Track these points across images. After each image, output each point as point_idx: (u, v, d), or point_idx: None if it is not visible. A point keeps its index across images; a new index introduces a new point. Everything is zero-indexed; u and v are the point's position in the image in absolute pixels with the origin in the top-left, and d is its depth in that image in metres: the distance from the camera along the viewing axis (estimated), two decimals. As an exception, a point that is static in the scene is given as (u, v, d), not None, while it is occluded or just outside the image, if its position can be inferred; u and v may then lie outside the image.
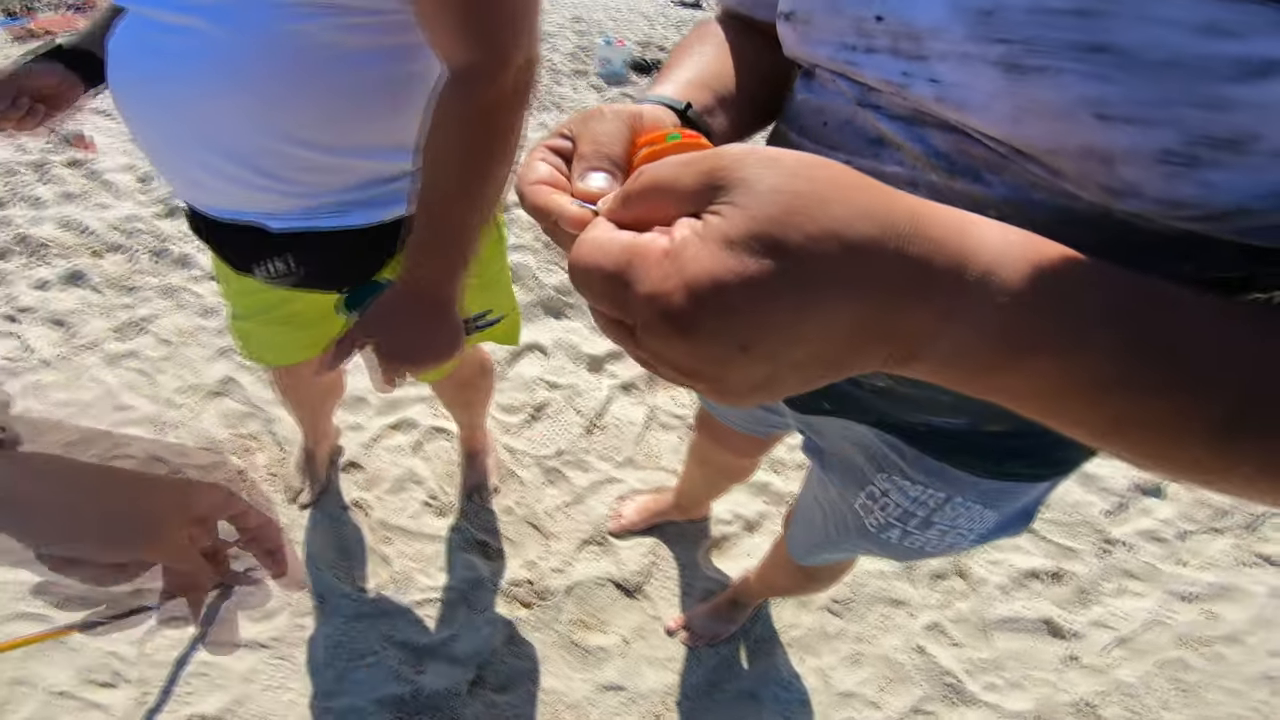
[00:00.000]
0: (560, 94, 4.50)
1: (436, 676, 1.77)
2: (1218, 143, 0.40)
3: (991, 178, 0.52)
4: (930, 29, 0.50)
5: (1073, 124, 0.44)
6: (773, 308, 0.29)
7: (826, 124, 0.64)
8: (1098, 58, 0.42)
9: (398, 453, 2.27)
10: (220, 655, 1.51)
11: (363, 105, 1.00)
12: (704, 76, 0.69)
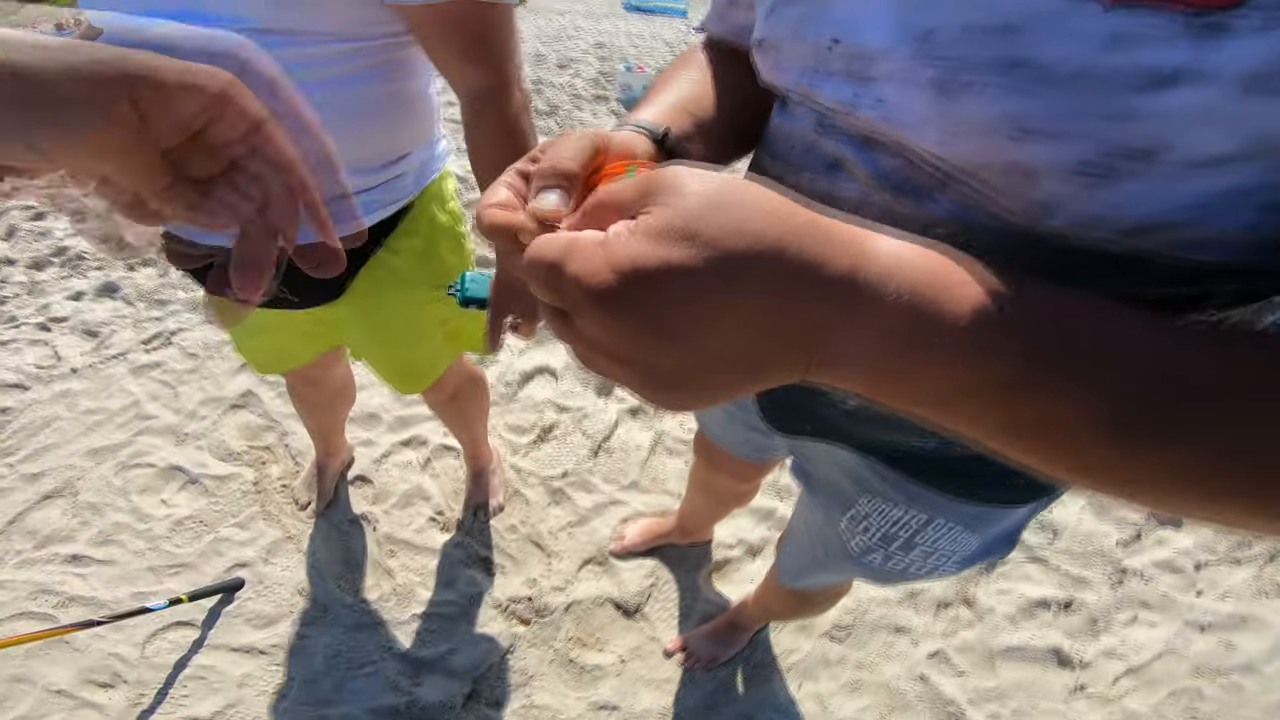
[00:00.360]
0: (580, 119, 4.55)
1: (433, 689, 1.74)
2: (1132, 153, 0.41)
3: (935, 198, 0.54)
4: (879, 50, 0.52)
5: (996, 140, 0.46)
6: (688, 288, 0.32)
7: (794, 148, 0.67)
8: (1017, 73, 0.43)
9: (407, 469, 2.27)
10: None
11: (341, 125, 1.01)
12: (684, 102, 0.71)
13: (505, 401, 2.54)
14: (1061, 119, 0.42)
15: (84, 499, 2.12)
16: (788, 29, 0.62)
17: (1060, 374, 0.35)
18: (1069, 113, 0.42)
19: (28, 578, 1.91)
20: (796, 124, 0.66)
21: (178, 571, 1.95)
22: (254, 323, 1.41)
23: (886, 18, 0.51)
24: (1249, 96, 0.37)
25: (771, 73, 0.66)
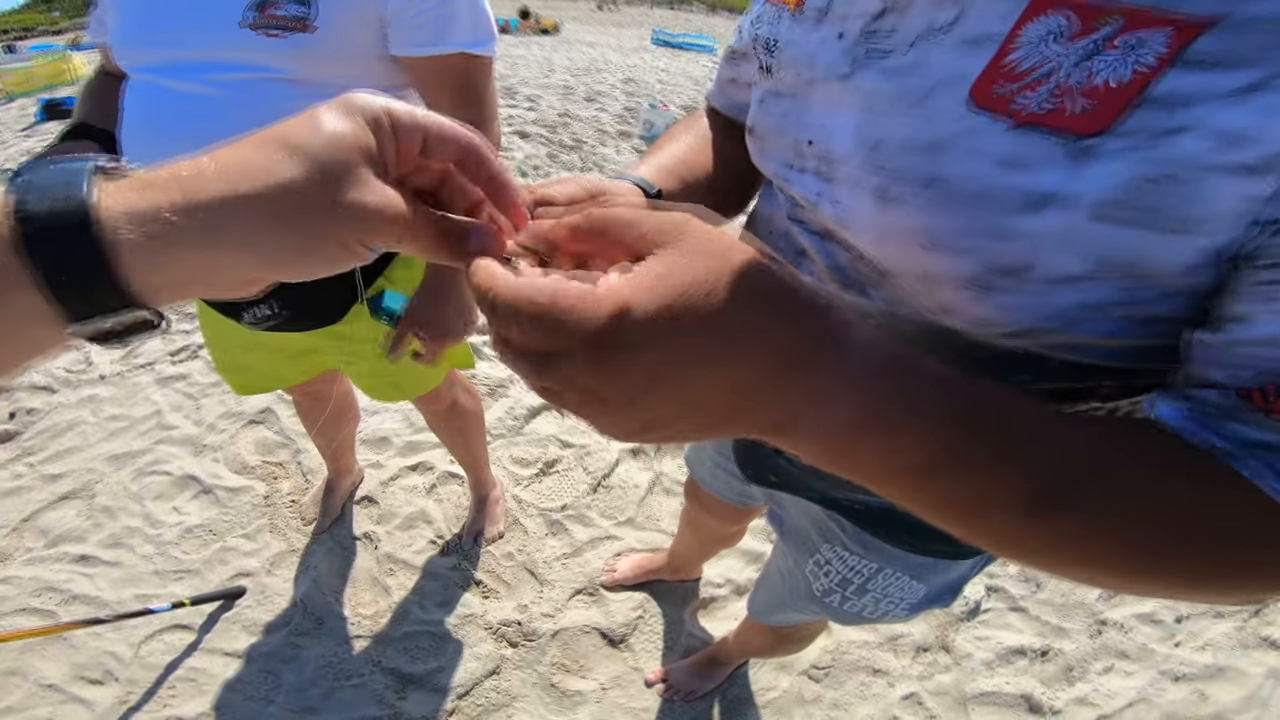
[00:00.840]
0: (603, 154, 4.59)
1: (417, 704, 1.72)
2: (1005, 270, 0.47)
3: (873, 293, 0.61)
4: (841, 155, 0.58)
5: (912, 249, 0.51)
6: (691, 349, 0.34)
7: (772, 232, 0.73)
8: (932, 190, 0.49)
9: (412, 493, 2.28)
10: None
11: None
12: (677, 165, 0.77)
13: (511, 435, 2.55)
14: (958, 235, 0.48)
15: (99, 502, 2.13)
16: (773, 122, 0.68)
17: (972, 458, 0.39)
18: (964, 230, 0.48)
19: (34, 575, 1.91)
20: (776, 209, 0.72)
21: (182, 577, 1.94)
22: (240, 349, 1.47)
23: (850, 126, 0.57)
24: (1097, 223, 0.42)
25: (759, 159, 0.73)
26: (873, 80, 0.55)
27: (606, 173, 4.40)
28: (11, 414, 2.44)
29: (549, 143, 4.74)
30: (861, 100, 0.56)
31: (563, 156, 4.58)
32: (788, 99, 0.66)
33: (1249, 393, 0.40)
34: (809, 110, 0.62)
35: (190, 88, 1.03)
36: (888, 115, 0.53)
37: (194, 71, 1.02)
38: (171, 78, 1.04)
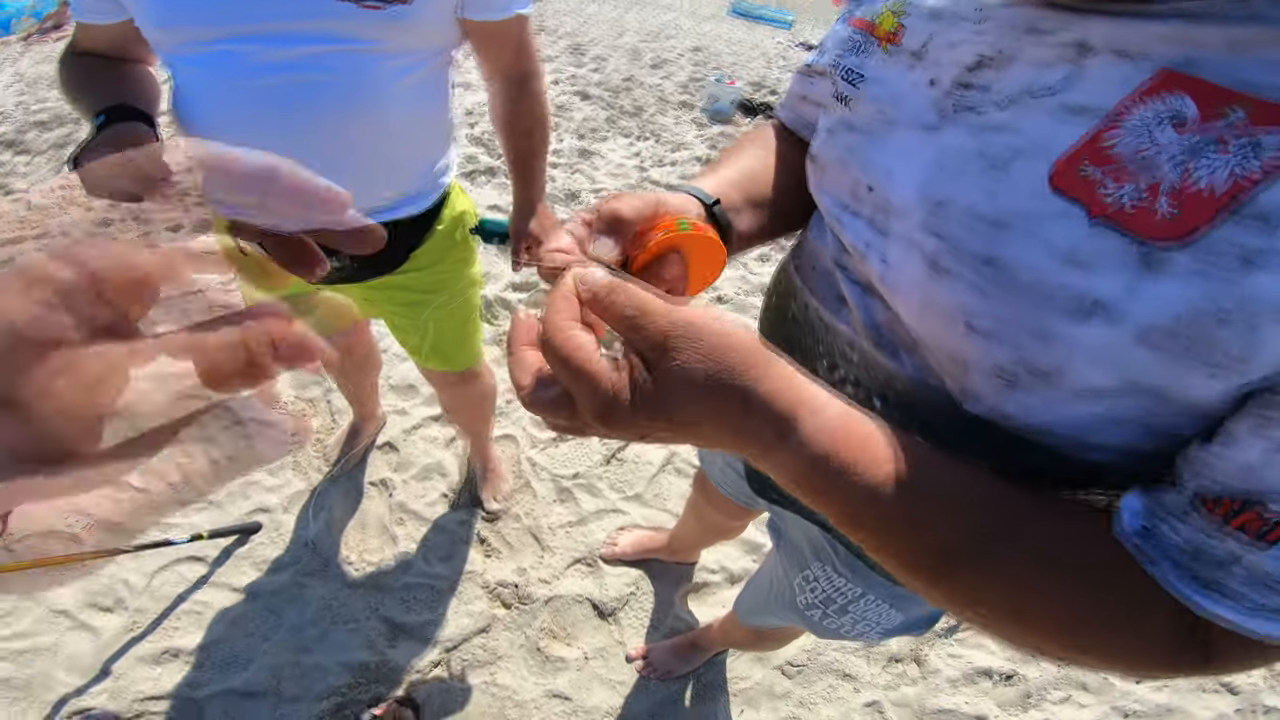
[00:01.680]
0: (661, 123, 4.37)
1: (405, 653, 1.72)
2: (1035, 370, 0.45)
3: (905, 357, 0.57)
4: (899, 208, 0.53)
5: (950, 328, 0.49)
6: (697, 405, 0.38)
7: (815, 269, 0.68)
8: (987, 271, 0.46)
9: (432, 443, 2.24)
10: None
11: (424, 122, 1.22)
12: (741, 178, 0.72)
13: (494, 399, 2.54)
14: (999, 324, 0.46)
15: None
16: (837, 155, 0.63)
17: (893, 524, 0.43)
18: (1007, 320, 0.45)
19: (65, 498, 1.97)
20: (824, 246, 0.67)
21: (204, 508, 1.93)
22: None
23: (916, 179, 0.53)
24: (1142, 347, 0.40)
25: (815, 189, 0.68)
26: (960, 137, 0.51)
27: (663, 142, 4.22)
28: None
29: (610, 106, 4.60)
30: (936, 154, 0.52)
31: (621, 122, 4.43)
32: (859, 135, 0.61)
33: (1206, 500, 0.40)
34: (878, 152, 0.58)
35: (280, 57, 0.99)
36: (959, 176, 0.50)
37: (278, 43, 0.98)
38: (258, 51, 0.98)
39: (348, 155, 1.10)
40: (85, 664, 1.60)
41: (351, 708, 1.60)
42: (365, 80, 1.05)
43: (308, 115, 1.04)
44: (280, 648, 1.69)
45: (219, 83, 1.01)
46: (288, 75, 1.00)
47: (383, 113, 1.09)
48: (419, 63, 1.11)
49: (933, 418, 0.55)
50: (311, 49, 0.99)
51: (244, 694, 1.60)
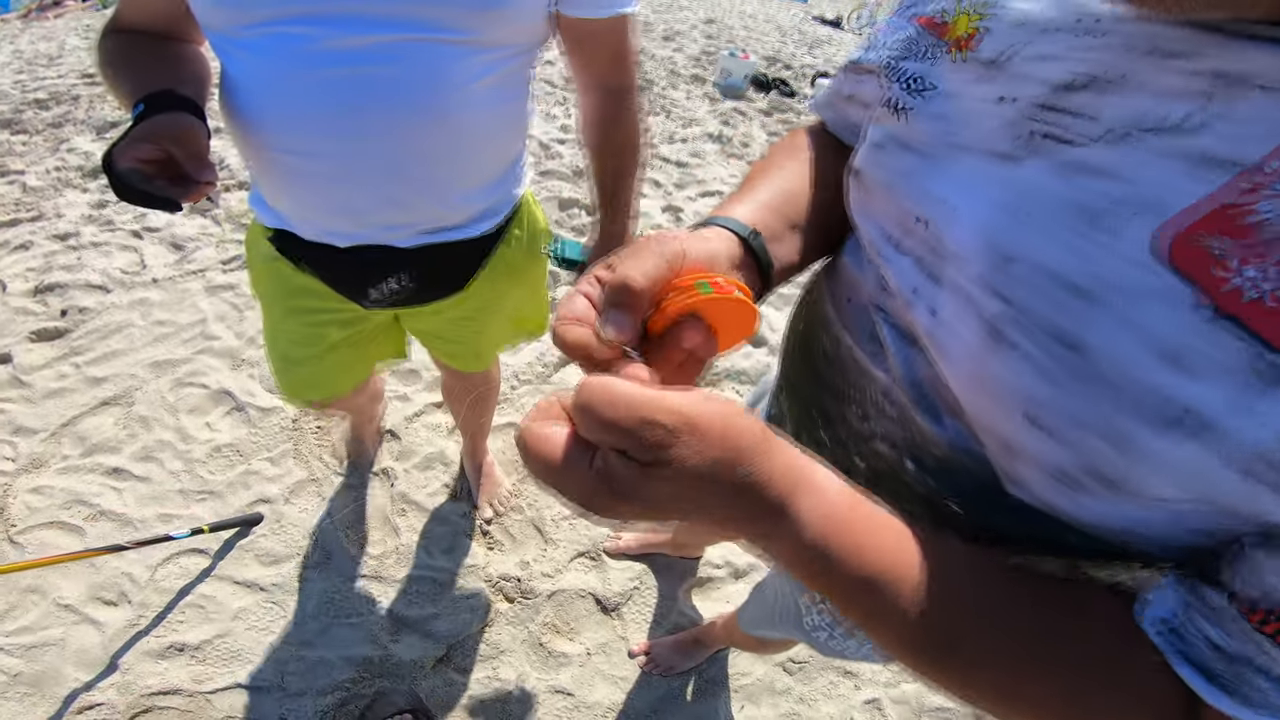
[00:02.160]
0: (672, 98, 4.29)
1: (408, 647, 1.72)
2: (1101, 478, 0.39)
3: (948, 422, 0.50)
4: (955, 254, 0.46)
5: (1005, 415, 0.42)
6: (695, 498, 0.37)
7: (850, 301, 0.61)
8: (1060, 353, 0.39)
9: (434, 431, 2.23)
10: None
11: (503, 130, 1.09)
12: (779, 199, 0.64)
13: (539, 381, 2.46)
14: (1069, 422, 0.39)
15: (137, 411, 2.11)
16: (885, 177, 0.55)
17: (879, 613, 0.42)
18: (1079, 419, 0.38)
19: (67, 485, 1.91)
20: (862, 277, 0.59)
21: (205, 498, 1.93)
22: (293, 355, 1.36)
23: (979, 219, 0.45)
24: (1235, 473, 0.34)
25: (858, 212, 0.59)
26: (1042, 174, 0.42)
27: (674, 118, 4.15)
28: (63, 311, 2.41)
29: (620, 81, 4.57)
30: (1009, 192, 0.44)
31: (631, 95, 4.40)
32: (914, 156, 0.52)
33: (1247, 604, 0.36)
34: (937, 180, 0.49)
35: (351, 44, 0.87)
36: (1037, 227, 0.41)
37: (350, 28, 0.86)
38: (324, 36, 0.86)
39: (419, 164, 1.00)
40: (93, 658, 1.61)
41: (355, 702, 1.62)
42: (446, 77, 0.93)
43: (378, 116, 0.92)
44: (283, 641, 1.70)
45: (276, 72, 0.89)
46: (357, 67, 0.88)
47: (462, 117, 0.98)
48: (503, 60, 0.98)
49: (970, 487, 0.50)
50: (389, 37, 0.87)
51: (249, 689, 1.62)
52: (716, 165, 3.84)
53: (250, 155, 1.03)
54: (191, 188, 0.85)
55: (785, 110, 4.57)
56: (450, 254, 1.17)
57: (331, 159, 0.96)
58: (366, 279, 1.17)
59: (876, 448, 0.59)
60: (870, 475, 0.60)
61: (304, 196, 1.04)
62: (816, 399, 0.68)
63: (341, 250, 1.11)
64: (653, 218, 3.28)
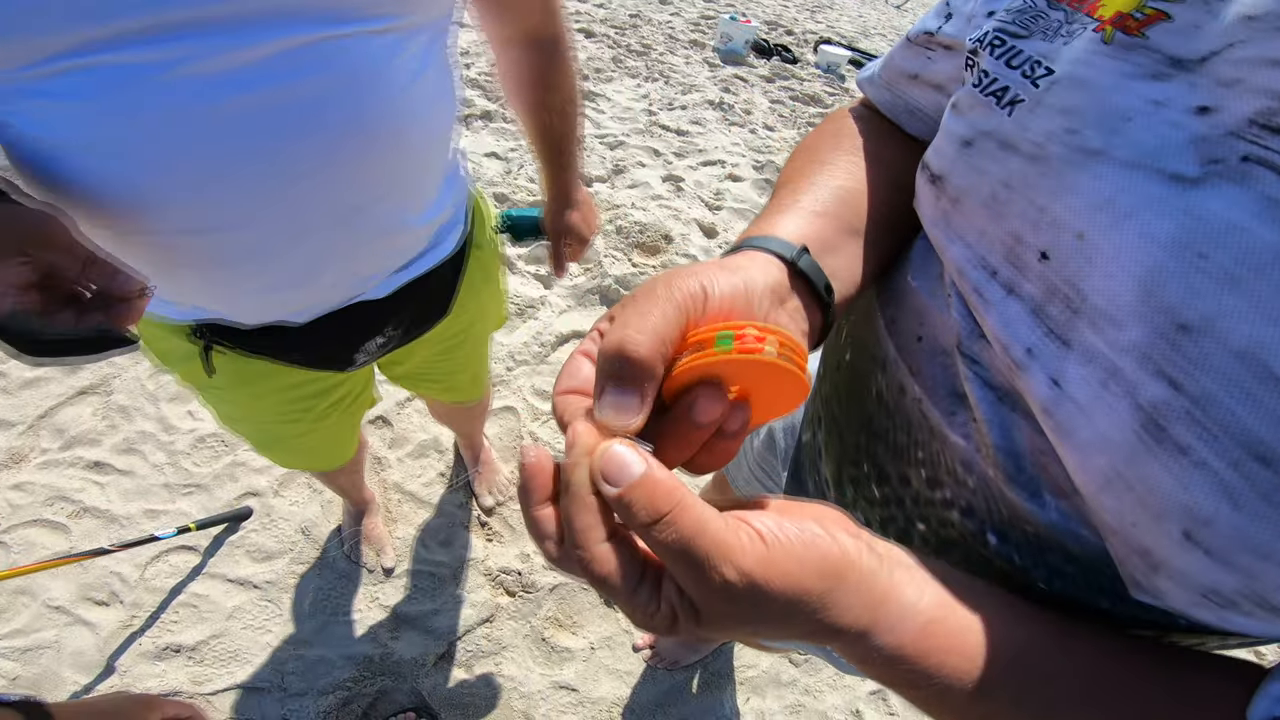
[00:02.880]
0: (671, 63, 4.19)
1: (409, 645, 1.71)
2: (1265, 605, 0.31)
3: (1051, 501, 0.41)
4: (1100, 310, 0.35)
5: (1156, 526, 0.33)
6: (771, 625, 0.33)
7: (921, 339, 0.49)
8: (1253, 469, 0.30)
9: (427, 418, 2.18)
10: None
11: (443, 119, 0.89)
12: (832, 203, 0.52)
13: (536, 362, 2.41)
14: (1243, 550, 0.31)
15: (116, 400, 2.06)
16: (986, 188, 0.43)
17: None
18: (1259, 550, 0.30)
19: (48, 481, 1.86)
20: (938, 310, 0.48)
21: (191, 492, 1.90)
22: (281, 433, 1.19)
23: (1140, 265, 0.34)
24: None
25: (936, 228, 0.47)
26: (1237, 209, 0.31)
27: (672, 84, 4.04)
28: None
29: (615, 45, 4.38)
30: (1188, 230, 0.33)
31: (628, 61, 4.22)
32: (1022, 160, 0.41)
33: None
34: (1061, 196, 0.38)
35: (234, 63, 0.61)
36: (1232, 284, 0.31)
37: (224, 41, 0.59)
38: (189, 59, 0.59)
39: (373, 195, 0.80)
40: (89, 660, 1.60)
41: (358, 702, 1.62)
42: (387, 81, 0.72)
43: (307, 150, 0.69)
44: (280, 640, 1.69)
45: (120, 126, 0.60)
46: (257, 91, 0.63)
47: (413, 126, 0.79)
48: (433, 44, 0.79)
49: (1071, 572, 0.42)
50: (285, 42, 0.62)
51: (250, 689, 1.61)
52: (718, 133, 3.75)
53: (111, 245, 0.67)
54: (119, 306, 0.59)
55: (787, 77, 4.48)
56: (430, 282, 1.04)
57: (253, 225, 0.72)
58: (345, 346, 1.01)
59: (946, 515, 0.49)
60: (936, 544, 0.51)
61: (226, 283, 0.80)
62: (867, 448, 0.56)
63: (303, 327, 0.93)
64: (652, 188, 3.20)
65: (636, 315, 0.34)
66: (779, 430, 0.92)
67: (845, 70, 4.57)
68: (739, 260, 0.42)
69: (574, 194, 1.20)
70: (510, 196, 2.95)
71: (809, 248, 0.45)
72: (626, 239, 2.88)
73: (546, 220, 1.23)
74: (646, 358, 0.33)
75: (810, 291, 0.45)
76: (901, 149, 0.58)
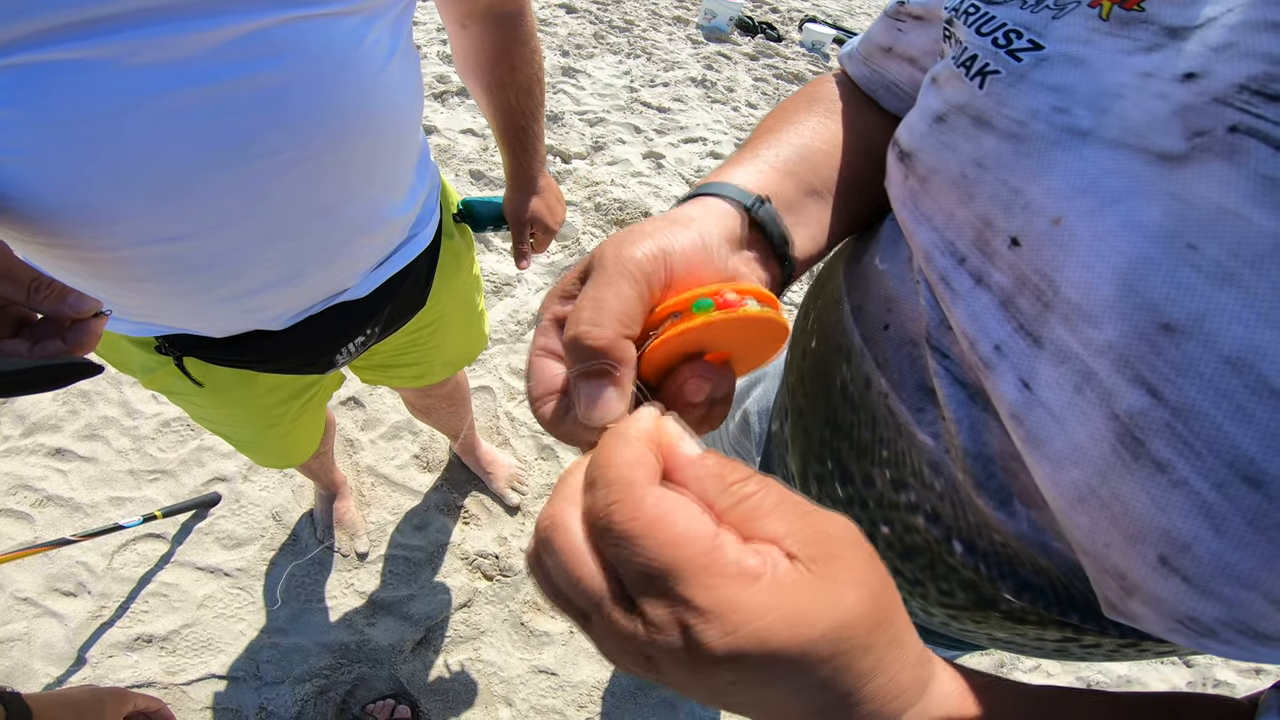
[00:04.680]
0: (653, 39, 4.17)
1: (385, 631, 1.71)
2: (1252, 634, 0.30)
3: (1021, 510, 0.39)
4: (1074, 304, 0.33)
5: (1129, 549, 0.31)
6: (776, 696, 0.27)
7: (888, 328, 0.47)
8: (1239, 491, 0.28)
9: (399, 398, 2.13)
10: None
11: (418, 108, 0.88)
12: (794, 159, 0.50)
13: (512, 340, 2.39)
14: (1224, 579, 0.29)
15: (77, 385, 1.96)
16: (955, 168, 0.41)
17: None
18: (1240, 578, 0.29)
19: (9, 469, 1.84)
20: (906, 296, 0.46)
21: (157, 478, 1.89)
22: (256, 439, 1.19)
23: (1121, 255, 0.31)
24: None
25: (904, 208, 0.45)
26: (1229, 190, 0.29)
27: (654, 60, 4.01)
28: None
29: (597, 21, 4.35)
30: (1175, 217, 0.30)
31: (609, 37, 4.19)
32: (998, 138, 0.39)
33: None
34: (1038, 178, 0.36)
35: (182, 53, 0.56)
36: (1222, 279, 0.28)
37: (165, 29, 0.54)
38: (132, 52, 0.54)
39: (350, 188, 0.77)
40: (60, 652, 1.60)
41: (336, 689, 1.63)
42: (349, 60, 0.67)
43: (277, 144, 0.65)
44: (254, 629, 1.70)
45: (57, 135, 0.55)
46: (215, 83, 0.58)
47: (379, 106, 0.74)
48: (400, 22, 0.75)
49: (1040, 585, 0.40)
50: (236, 29, 0.57)
51: (225, 679, 1.62)
52: (700, 110, 3.74)
53: (55, 264, 0.68)
54: (76, 331, 0.54)
55: (772, 55, 4.46)
56: (408, 276, 1.02)
57: (218, 231, 0.68)
58: (326, 349, 0.98)
59: (911, 520, 0.47)
60: (901, 549, 0.49)
61: (194, 294, 0.76)
62: (831, 445, 0.53)
63: (281, 333, 0.90)
64: (632, 164, 3.18)
65: (590, 301, 0.32)
66: (754, 414, 0.91)
67: (830, 49, 4.56)
68: (690, 210, 0.40)
69: (538, 180, 1.15)
70: (487, 174, 2.93)
71: (770, 199, 0.44)
72: (605, 216, 2.87)
73: (508, 208, 1.17)
74: (613, 343, 0.31)
75: (767, 243, 0.43)
76: (880, 121, 0.57)
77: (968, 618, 0.48)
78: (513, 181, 1.15)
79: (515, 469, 2.05)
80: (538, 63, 1.05)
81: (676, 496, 0.26)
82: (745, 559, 0.25)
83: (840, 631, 0.25)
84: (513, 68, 1.01)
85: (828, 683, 0.26)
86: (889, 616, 0.27)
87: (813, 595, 0.25)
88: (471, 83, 1.06)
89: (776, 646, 0.24)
